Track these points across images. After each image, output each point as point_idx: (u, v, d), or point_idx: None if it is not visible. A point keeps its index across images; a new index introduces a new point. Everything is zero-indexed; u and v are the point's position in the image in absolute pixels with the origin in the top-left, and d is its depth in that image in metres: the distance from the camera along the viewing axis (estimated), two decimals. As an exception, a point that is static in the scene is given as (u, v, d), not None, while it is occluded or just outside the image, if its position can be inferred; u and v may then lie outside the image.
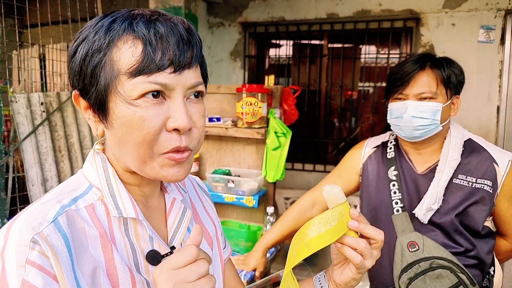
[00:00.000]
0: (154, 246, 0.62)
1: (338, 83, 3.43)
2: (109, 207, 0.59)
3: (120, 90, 0.54)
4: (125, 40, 0.54)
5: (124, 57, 0.54)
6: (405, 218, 1.27)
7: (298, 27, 3.39)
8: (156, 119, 0.55)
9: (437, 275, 1.17)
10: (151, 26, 0.55)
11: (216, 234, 0.79)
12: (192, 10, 2.73)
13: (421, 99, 1.23)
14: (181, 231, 0.67)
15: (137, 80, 0.54)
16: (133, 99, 0.54)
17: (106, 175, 0.61)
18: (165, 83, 0.54)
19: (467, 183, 1.23)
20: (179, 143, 0.56)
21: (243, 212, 2.09)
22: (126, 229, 0.60)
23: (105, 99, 0.56)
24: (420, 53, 1.30)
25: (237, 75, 3.58)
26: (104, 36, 0.55)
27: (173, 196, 0.69)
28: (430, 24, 2.98)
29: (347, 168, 1.49)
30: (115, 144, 0.59)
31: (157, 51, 0.54)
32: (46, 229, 0.52)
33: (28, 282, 0.49)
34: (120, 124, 0.55)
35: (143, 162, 0.57)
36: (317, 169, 3.43)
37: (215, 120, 1.95)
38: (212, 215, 0.81)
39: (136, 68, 0.53)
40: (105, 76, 0.55)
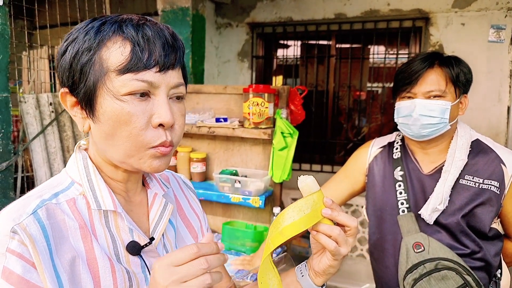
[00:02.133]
0: (134, 237, 0.66)
1: (346, 84, 3.41)
2: (89, 201, 0.63)
3: (109, 86, 0.59)
4: (114, 41, 0.59)
5: (113, 56, 0.58)
6: (411, 219, 1.26)
7: (306, 27, 3.38)
8: (142, 115, 0.59)
9: (442, 276, 1.15)
10: (139, 29, 0.60)
11: (201, 228, 0.83)
12: (200, 10, 2.74)
13: (429, 97, 1.21)
14: (162, 223, 0.71)
15: (125, 77, 0.58)
16: (121, 94, 0.58)
17: (86, 171, 0.65)
18: (151, 81, 0.59)
19: (473, 183, 1.21)
20: (165, 137, 0.61)
21: (250, 212, 2.08)
22: (106, 222, 0.64)
23: (93, 94, 0.60)
24: (428, 52, 1.29)
25: (244, 76, 3.58)
26: (94, 36, 0.59)
27: (155, 191, 0.74)
28: (440, 24, 2.95)
29: (353, 168, 1.48)
30: (101, 138, 0.62)
31: (145, 52, 0.59)
32: (25, 220, 0.56)
33: (9, 269, 0.53)
34: (108, 118, 0.59)
35: (128, 155, 0.61)
36: (324, 170, 3.42)
37: (222, 121, 1.96)
38: (197, 210, 0.85)
39: (125, 66, 0.58)
40: (94, 73, 0.59)
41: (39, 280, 0.54)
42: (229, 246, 1.87)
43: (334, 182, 1.53)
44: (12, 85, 2.08)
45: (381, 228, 1.35)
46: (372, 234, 1.41)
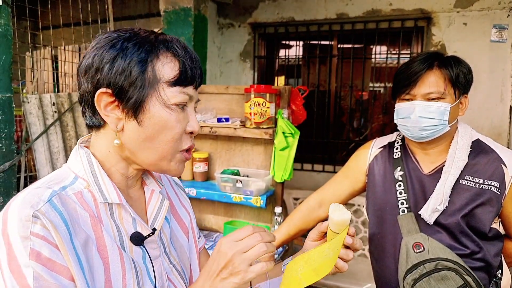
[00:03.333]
0: (137, 228, 0.71)
1: (348, 84, 3.41)
2: (95, 194, 0.67)
3: (161, 94, 0.67)
4: (165, 56, 0.68)
5: (165, 69, 0.67)
6: (411, 219, 1.26)
7: (308, 27, 3.38)
8: (182, 123, 0.70)
9: (442, 277, 1.15)
10: (186, 51, 0.70)
11: (191, 224, 0.89)
12: (202, 11, 2.75)
13: (429, 99, 1.21)
14: (160, 217, 0.77)
15: (175, 89, 0.67)
16: (171, 104, 0.67)
17: (91, 167, 0.69)
18: (191, 95, 0.70)
19: (474, 184, 1.21)
20: (191, 143, 0.73)
21: (251, 212, 2.09)
22: (111, 213, 0.69)
23: (144, 99, 0.66)
24: (427, 52, 1.28)
25: (246, 76, 3.58)
26: (150, 49, 0.67)
27: (152, 188, 0.79)
28: (442, 24, 2.95)
29: (354, 168, 1.48)
30: (137, 140, 0.68)
31: (189, 70, 0.69)
32: (43, 207, 0.59)
33: (36, 250, 0.56)
34: (154, 123, 0.67)
35: (163, 157, 0.70)
36: (326, 170, 3.42)
37: (224, 121, 1.96)
38: (187, 207, 0.91)
39: (175, 80, 0.67)
40: (147, 81, 0.66)
41: (64, 260, 0.58)
42: (231, 245, 1.88)
43: (335, 182, 1.53)
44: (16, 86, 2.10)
45: (381, 228, 1.35)
46: (372, 234, 1.41)
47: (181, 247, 0.82)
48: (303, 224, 1.53)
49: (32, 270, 0.55)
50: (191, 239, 0.86)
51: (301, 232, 1.55)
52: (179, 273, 0.78)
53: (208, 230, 2.18)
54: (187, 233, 0.86)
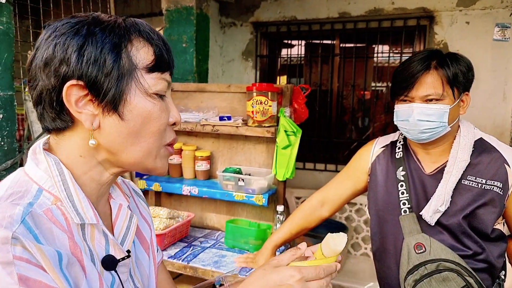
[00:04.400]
0: (110, 250, 0.63)
1: (350, 83, 3.41)
2: (69, 213, 0.58)
3: (141, 82, 0.60)
4: (138, 40, 0.61)
5: (140, 54, 0.60)
6: (413, 219, 1.25)
7: (310, 26, 3.38)
8: (166, 113, 0.64)
9: (443, 278, 1.14)
10: (157, 34, 0.63)
11: (151, 238, 0.80)
12: (204, 9, 2.74)
13: (427, 101, 1.19)
14: (129, 237, 0.68)
15: (154, 75, 0.61)
16: (152, 92, 0.61)
17: (62, 179, 0.59)
18: (169, 81, 0.65)
19: (476, 184, 1.20)
20: (175, 135, 0.67)
21: (253, 211, 2.09)
22: (83, 234, 0.60)
23: (123, 90, 0.59)
24: (425, 50, 1.25)
25: (248, 75, 3.59)
26: (123, 33, 0.60)
27: (119, 202, 0.70)
28: (444, 23, 2.94)
29: (356, 167, 1.48)
30: (120, 137, 0.61)
31: (164, 54, 0.63)
32: (18, 229, 0.50)
33: (23, 275, 0.48)
34: (137, 114, 0.60)
35: (148, 153, 0.63)
36: (328, 169, 3.42)
37: (225, 119, 1.96)
38: (148, 219, 0.82)
39: (154, 65, 0.61)
40: (123, 69, 0.59)
41: (53, 281, 0.51)
42: (233, 244, 1.87)
43: (337, 181, 1.53)
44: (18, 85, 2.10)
45: (383, 228, 1.35)
46: (374, 235, 1.40)
47: (142, 266, 0.75)
48: (305, 223, 1.52)
49: None
50: (151, 255, 0.79)
51: (303, 231, 1.55)
52: None
53: (210, 228, 2.18)
54: (148, 249, 0.78)
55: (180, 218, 1.94)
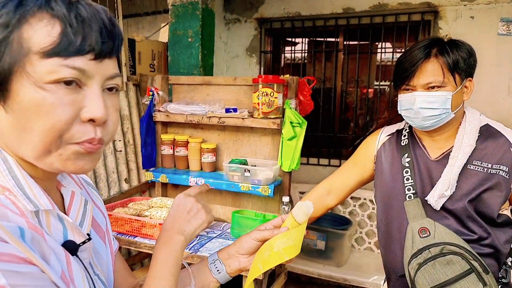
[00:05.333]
0: (69, 236, 0.60)
1: (354, 79, 3.42)
2: (20, 201, 0.54)
3: (29, 70, 0.50)
4: (40, 18, 0.50)
5: (37, 36, 0.49)
6: (417, 205, 1.26)
7: (314, 22, 3.39)
8: (69, 108, 0.51)
9: (447, 261, 1.15)
10: (72, 8, 0.51)
11: (106, 226, 0.79)
12: (209, 5, 2.77)
13: (429, 88, 1.21)
14: (86, 223, 0.65)
15: (51, 62, 0.50)
16: (45, 82, 0.50)
17: (7, 166, 0.55)
18: (84, 68, 0.52)
19: (482, 169, 1.21)
20: (94, 134, 0.54)
21: (259, 202, 2.11)
22: (39, 221, 0.56)
23: (7, 79, 0.50)
24: (426, 39, 1.26)
25: (252, 71, 3.60)
26: (14, 10, 0.50)
27: (71, 189, 0.66)
28: (449, 17, 2.95)
29: (362, 156, 1.49)
30: (11, 130, 0.53)
31: (78, 35, 0.50)
32: None
33: None
34: (24, 108, 0.50)
35: (47, 151, 0.53)
36: (332, 164, 3.43)
37: (231, 111, 1.98)
38: (101, 208, 0.80)
39: (52, 49, 0.49)
40: (10, 53, 0.50)
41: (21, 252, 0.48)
42: (239, 234, 1.90)
43: (343, 170, 1.54)
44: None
45: (388, 215, 1.36)
46: (380, 221, 1.42)
47: (99, 254, 0.73)
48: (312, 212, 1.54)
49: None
50: (107, 243, 0.77)
51: (309, 220, 1.56)
52: (103, 283, 0.70)
53: (216, 220, 2.20)
54: (104, 238, 0.76)
55: (186, 209, 1.96)
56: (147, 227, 1.83)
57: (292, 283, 3.05)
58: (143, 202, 2.01)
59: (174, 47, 2.78)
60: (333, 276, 2.78)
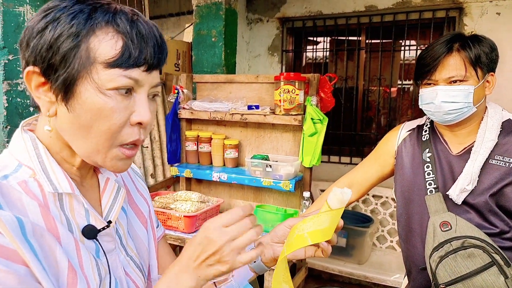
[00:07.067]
0: (90, 220, 0.64)
1: (376, 77, 3.41)
2: (43, 183, 0.60)
3: (94, 77, 0.57)
4: (106, 32, 0.57)
5: (103, 47, 0.56)
6: (439, 199, 1.27)
7: (336, 21, 3.40)
8: (124, 112, 0.59)
9: (468, 254, 1.16)
10: (134, 25, 0.58)
11: (149, 213, 0.83)
12: (232, 5, 2.83)
13: (451, 83, 1.22)
14: (116, 208, 0.70)
15: (113, 72, 0.57)
16: (106, 88, 0.57)
17: (37, 153, 0.61)
18: (138, 79, 0.59)
19: (503, 163, 1.21)
20: (139, 136, 0.62)
21: (280, 197, 2.15)
22: (61, 205, 0.61)
23: (74, 82, 0.57)
24: (448, 34, 1.28)
25: (274, 70, 3.64)
26: (84, 22, 0.56)
27: (107, 176, 0.72)
28: (474, 14, 2.90)
29: (383, 151, 1.51)
30: (71, 128, 0.59)
31: (136, 49, 0.58)
32: None
33: None
34: (87, 110, 0.57)
35: (97, 151, 0.60)
36: (353, 162, 3.43)
37: (254, 108, 2.03)
38: (145, 195, 0.84)
39: (114, 61, 0.56)
40: (79, 60, 0.56)
41: (10, 243, 0.52)
42: (260, 228, 1.94)
43: (364, 165, 1.56)
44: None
45: (408, 209, 1.38)
46: (400, 216, 1.43)
47: (139, 238, 0.77)
48: (331, 206, 1.57)
49: None
50: (150, 229, 0.81)
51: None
52: (137, 265, 0.73)
53: (238, 215, 2.26)
54: (145, 223, 0.80)
55: (210, 203, 2.03)
56: (172, 219, 1.91)
57: (314, 280, 3.07)
58: (168, 195, 2.08)
59: (198, 47, 2.85)
60: (354, 273, 2.79)
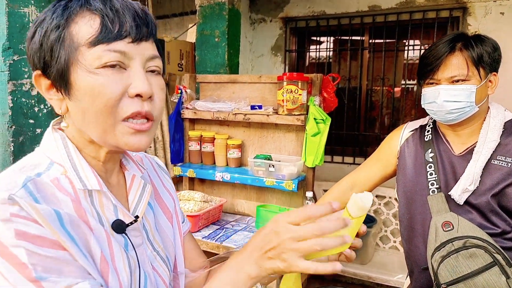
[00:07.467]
0: (119, 215, 0.67)
1: (380, 77, 3.40)
2: (74, 181, 0.62)
3: (81, 60, 0.58)
4: (82, 16, 0.59)
5: (82, 30, 0.58)
6: (441, 199, 1.27)
7: (339, 20, 3.40)
8: (116, 85, 0.59)
9: (470, 254, 1.16)
10: (107, 2, 0.60)
11: (175, 208, 0.84)
12: (236, 5, 2.84)
13: (453, 82, 1.22)
14: (142, 204, 0.72)
15: (97, 49, 0.58)
16: (95, 67, 0.58)
17: (67, 151, 0.64)
18: (124, 50, 0.59)
19: (506, 164, 1.21)
20: (140, 107, 0.61)
21: (283, 197, 2.15)
22: (91, 200, 0.64)
23: (66, 71, 0.59)
24: (451, 33, 1.28)
25: (277, 70, 3.65)
26: (62, 13, 0.59)
27: (133, 173, 0.74)
28: (478, 14, 2.89)
29: (386, 151, 1.51)
30: (79, 116, 0.62)
31: (115, 23, 0.59)
32: (19, 192, 0.55)
33: (21, 230, 0.52)
34: (83, 93, 0.59)
35: (104, 130, 0.61)
36: (357, 162, 3.42)
37: (257, 108, 2.04)
38: (171, 191, 0.86)
39: (95, 38, 0.58)
40: (65, 49, 0.59)
41: (53, 235, 0.55)
42: (263, 227, 1.95)
43: (367, 165, 1.56)
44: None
45: (411, 209, 1.38)
46: (402, 216, 1.43)
47: (165, 233, 0.79)
48: (334, 206, 1.57)
49: (22, 248, 0.52)
50: (175, 224, 0.83)
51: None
52: (163, 259, 0.76)
53: (241, 214, 2.26)
54: (171, 218, 0.82)
55: (213, 202, 2.04)
56: (175, 219, 1.92)
57: (316, 280, 3.07)
58: (171, 195, 2.09)
59: (202, 47, 2.86)
60: (358, 273, 2.79)
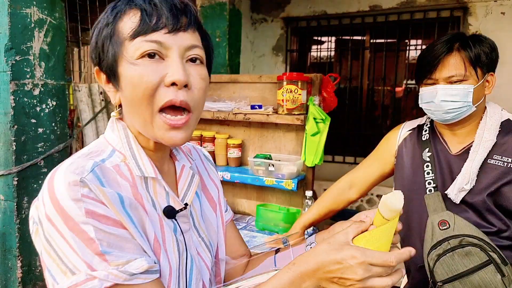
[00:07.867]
0: (170, 202, 0.71)
1: (381, 77, 3.41)
2: (132, 168, 0.67)
3: (124, 53, 0.63)
4: (128, 13, 0.64)
5: (126, 26, 0.64)
6: (438, 198, 1.29)
7: (340, 20, 3.41)
8: (153, 75, 0.62)
9: (466, 253, 1.17)
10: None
11: (219, 198, 0.89)
12: (236, 5, 2.85)
13: (451, 82, 1.23)
14: (190, 193, 0.77)
15: (136, 41, 0.62)
16: (135, 58, 0.62)
17: (127, 140, 0.69)
18: (160, 41, 0.62)
19: (502, 163, 1.22)
20: (175, 96, 0.63)
21: (283, 196, 2.17)
22: (146, 187, 0.69)
23: (114, 64, 0.65)
24: (449, 34, 1.29)
25: (278, 69, 3.66)
26: (111, 12, 0.66)
27: (183, 163, 0.79)
28: (478, 13, 2.90)
29: (383, 150, 1.53)
30: (126, 106, 0.67)
31: (153, 16, 0.63)
32: (88, 176, 0.60)
33: (90, 209, 0.58)
34: (126, 83, 0.64)
35: (145, 121, 0.65)
36: (357, 162, 3.44)
37: (257, 107, 2.05)
38: (216, 180, 0.91)
39: (135, 31, 0.62)
40: (113, 45, 0.64)
41: (116, 216, 0.60)
42: (263, 226, 1.97)
43: (365, 164, 1.58)
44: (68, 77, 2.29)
45: (408, 207, 1.39)
46: None
47: (209, 221, 0.84)
48: (333, 205, 1.58)
49: (91, 226, 0.57)
50: (219, 213, 0.87)
51: (330, 213, 1.60)
52: (207, 246, 0.80)
53: (241, 213, 2.28)
54: (215, 208, 0.87)
55: (213, 201, 2.05)
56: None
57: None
58: (172, 194, 2.11)
59: (203, 47, 2.87)
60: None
